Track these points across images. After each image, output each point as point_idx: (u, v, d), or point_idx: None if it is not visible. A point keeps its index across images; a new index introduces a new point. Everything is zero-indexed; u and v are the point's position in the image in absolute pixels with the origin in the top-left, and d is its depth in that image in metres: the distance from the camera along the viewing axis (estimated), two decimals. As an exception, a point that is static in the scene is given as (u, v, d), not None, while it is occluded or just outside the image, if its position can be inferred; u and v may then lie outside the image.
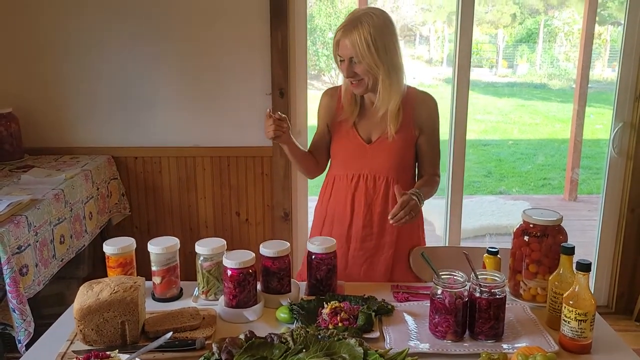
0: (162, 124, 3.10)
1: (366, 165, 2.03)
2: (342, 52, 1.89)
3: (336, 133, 2.07)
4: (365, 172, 2.03)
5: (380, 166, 2.02)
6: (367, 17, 1.86)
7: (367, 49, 1.84)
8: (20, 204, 2.18)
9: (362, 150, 2.03)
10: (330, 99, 2.09)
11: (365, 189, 2.04)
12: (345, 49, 1.88)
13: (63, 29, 2.98)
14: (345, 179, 2.06)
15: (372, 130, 2.03)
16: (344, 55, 1.89)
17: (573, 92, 6.41)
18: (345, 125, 2.04)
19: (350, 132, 2.04)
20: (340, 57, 1.91)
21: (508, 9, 12.07)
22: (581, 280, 1.43)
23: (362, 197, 2.04)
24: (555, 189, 7.14)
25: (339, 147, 2.07)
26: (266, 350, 1.36)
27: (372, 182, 2.03)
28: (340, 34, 1.88)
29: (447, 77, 12.27)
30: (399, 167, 2.05)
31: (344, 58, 1.89)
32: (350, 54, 1.87)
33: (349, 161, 2.05)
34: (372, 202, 2.04)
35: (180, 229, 3.18)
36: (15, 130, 2.87)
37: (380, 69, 1.89)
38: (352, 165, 2.05)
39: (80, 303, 1.47)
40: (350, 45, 1.85)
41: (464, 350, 1.46)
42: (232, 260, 1.63)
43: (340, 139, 2.06)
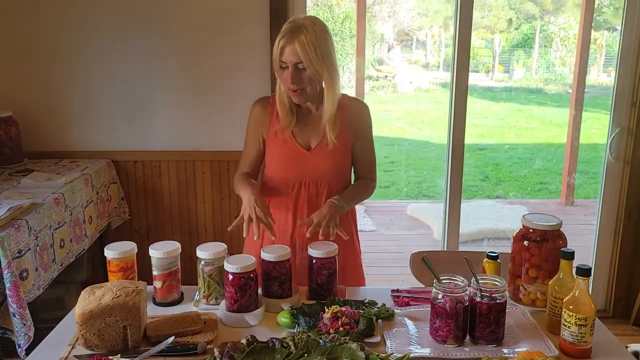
0: (161, 128, 3.10)
1: (307, 172, 2.01)
2: (287, 58, 1.86)
3: (272, 142, 2.04)
4: (307, 180, 2.02)
5: (322, 172, 2.01)
6: (309, 23, 1.87)
7: (315, 54, 1.84)
8: (20, 208, 2.18)
9: (302, 157, 2.01)
10: (262, 109, 2.06)
11: (307, 197, 2.02)
12: (291, 55, 1.85)
13: (63, 33, 2.98)
14: (285, 187, 2.03)
15: (310, 137, 2.02)
16: (290, 61, 1.86)
17: (569, 97, 6.44)
18: (281, 134, 2.01)
19: (289, 140, 2.01)
20: (283, 64, 1.88)
21: (504, 14, 12.11)
22: (581, 285, 1.44)
23: (305, 204, 2.02)
24: (552, 194, 7.17)
25: (277, 155, 2.04)
26: (268, 355, 1.37)
27: (315, 189, 2.02)
28: (285, 40, 1.85)
29: (443, 82, 12.30)
30: (339, 172, 2.05)
31: (289, 64, 1.87)
32: (296, 60, 1.85)
33: (289, 169, 2.03)
34: (316, 210, 1.98)
35: (179, 233, 3.18)
36: (15, 134, 2.87)
37: (325, 74, 1.90)
38: (292, 173, 2.03)
39: (82, 307, 1.47)
40: (299, 50, 1.83)
41: (464, 355, 1.47)
42: (234, 264, 1.64)
43: (278, 148, 2.03)
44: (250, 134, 2.09)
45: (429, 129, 9.94)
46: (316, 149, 2.01)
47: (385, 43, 12.59)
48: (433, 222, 5.71)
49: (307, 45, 1.83)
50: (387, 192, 7.38)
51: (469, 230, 5.37)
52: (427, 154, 8.76)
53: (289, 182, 2.03)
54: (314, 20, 1.90)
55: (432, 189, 7.47)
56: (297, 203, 2.03)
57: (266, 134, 2.05)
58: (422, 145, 9.19)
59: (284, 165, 2.03)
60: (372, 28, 11.79)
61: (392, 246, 5.35)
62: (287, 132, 2.01)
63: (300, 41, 1.83)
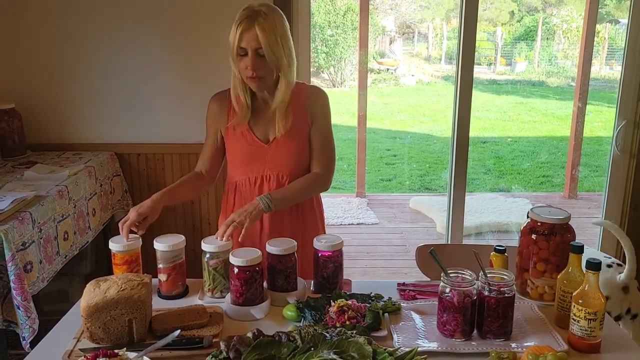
0: (165, 121, 3.09)
1: (267, 166, 1.98)
2: (246, 44, 1.81)
3: (230, 138, 2.00)
4: (268, 173, 1.98)
5: (282, 165, 1.98)
6: (267, 9, 1.84)
7: (275, 39, 1.81)
8: (24, 201, 2.17)
9: (261, 151, 1.97)
10: (219, 104, 2.02)
11: (270, 191, 1.96)
12: (251, 40, 1.80)
13: (66, 27, 2.96)
14: (248, 183, 2.01)
15: (268, 130, 1.97)
16: (250, 46, 1.81)
17: (571, 90, 6.43)
18: (238, 128, 1.97)
19: (246, 134, 1.97)
20: (242, 51, 1.83)
21: (506, 6, 12.09)
22: (591, 279, 1.43)
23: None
24: (555, 187, 7.16)
25: (236, 151, 2.00)
26: (274, 349, 1.36)
27: (276, 182, 1.98)
28: (244, 25, 1.80)
29: (445, 75, 12.30)
30: (300, 163, 2.00)
31: (249, 49, 1.82)
32: (256, 45, 1.80)
33: (250, 164, 1.99)
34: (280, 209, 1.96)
35: (183, 226, 3.17)
36: (18, 127, 2.86)
37: (283, 61, 1.85)
38: (253, 168, 1.99)
39: (88, 301, 1.46)
40: (260, 34, 1.79)
41: (472, 349, 1.46)
42: (239, 258, 1.63)
43: (236, 143, 1.99)
44: (208, 131, 2.05)
45: (431, 122, 9.93)
46: (274, 142, 1.96)
47: (387, 36, 12.58)
48: (436, 215, 5.70)
49: (267, 30, 1.79)
50: (390, 185, 7.38)
51: (472, 224, 5.36)
52: (429, 147, 8.75)
53: (250, 177, 2.00)
54: (270, 6, 1.87)
55: (435, 182, 7.46)
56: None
57: (224, 129, 2.00)
58: (424, 138, 9.18)
59: (244, 161, 2.00)
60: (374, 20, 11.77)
61: (395, 239, 5.35)
62: (244, 125, 1.96)
63: (260, 26, 1.79)
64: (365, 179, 6.77)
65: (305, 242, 1.90)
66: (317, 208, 2.12)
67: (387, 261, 4.79)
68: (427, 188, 7.29)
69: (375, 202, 6.37)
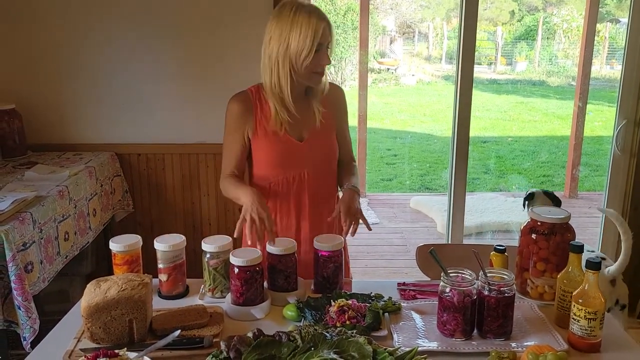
0: (165, 121, 3.09)
1: (303, 163, 1.96)
2: (325, 39, 1.84)
3: (260, 139, 1.94)
4: (305, 171, 1.96)
5: (318, 161, 1.98)
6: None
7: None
8: (25, 201, 2.17)
9: (297, 149, 1.94)
10: (244, 105, 1.95)
11: (307, 188, 1.97)
12: (329, 34, 1.84)
13: (66, 27, 2.96)
14: (285, 183, 1.96)
15: (300, 128, 1.95)
16: (327, 40, 1.85)
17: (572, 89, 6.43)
18: (269, 129, 1.93)
19: (279, 134, 1.93)
20: (319, 46, 1.83)
21: (507, 6, 12.08)
22: (591, 279, 1.43)
23: (306, 196, 1.98)
24: (556, 186, 7.15)
25: (270, 152, 1.95)
26: (274, 349, 1.36)
27: (314, 179, 1.97)
28: (325, 21, 1.83)
29: (445, 74, 12.29)
30: (333, 157, 2.04)
31: (325, 44, 1.85)
32: (329, 39, 1.85)
33: (285, 164, 1.95)
34: (318, 201, 1.98)
35: (183, 226, 3.17)
36: (18, 127, 2.86)
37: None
38: (289, 168, 1.95)
39: (88, 301, 1.46)
40: (332, 30, 1.85)
41: (472, 349, 1.46)
42: (240, 258, 1.63)
43: (269, 144, 1.94)
44: (232, 134, 1.98)
45: (432, 122, 9.93)
46: (309, 139, 1.96)
47: (387, 35, 12.57)
48: (436, 215, 5.70)
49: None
50: (390, 184, 7.38)
51: (472, 223, 5.36)
52: (429, 147, 8.74)
53: (288, 177, 1.96)
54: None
55: (435, 182, 7.46)
56: (299, 195, 1.98)
57: (251, 132, 1.95)
58: (424, 138, 9.17)
59: (280, 161, 1.95)
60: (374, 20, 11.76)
61: (396, 239, 5.34)
62: (279, 125, 1.92)
63: (328, 22, 1.84)
64: (365, 179, 6.77)
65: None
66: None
67: (388, 261, 4.79)
68: (427, 188, 7.29)
69: (376, 202, 6.37)
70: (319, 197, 2.00)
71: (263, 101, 1.95)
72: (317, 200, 1.99)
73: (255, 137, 1.95)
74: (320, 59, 1.85)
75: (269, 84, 1.91)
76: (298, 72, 1.87)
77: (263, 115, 1.94)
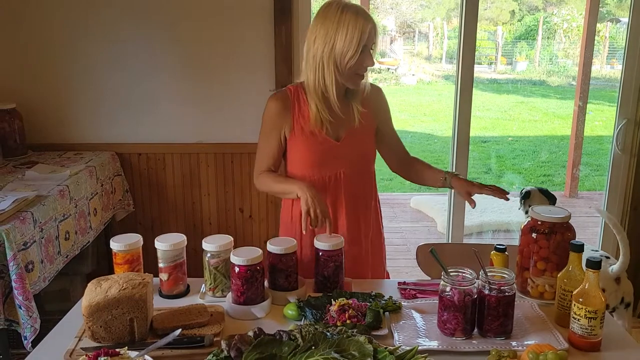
0: (165, 121, 3.09)
1: (340, 162, 1.96)
2: (371, 40, 1.84)
3: (297, 139, 1.94)
4: (341, 170, 1.96)
5: (355, 161, 1.99)
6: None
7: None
8: (25, 200, 2.17)
9: (334, 149, 1.94)
10: (283, 104, 1.95)
11: (344, 188, 1.97)
12: (375, 35, 1.84)
13: (67, 26, 2.96)
14: (322, 183, 1.96)
15: (337, 128, 1.95)
16: (373, 41, 1.85)
17: (572, 89, 6.42)
18: (307, 128, 1.93)
19: (317, 133, 1.92)
20: (366, 47, 1.84)
21: (507, 5, 12.08)
22: (591, 278, 1.43)
23: (342, 196, 1.98)
24: (556, 186, 7.15)
25: (307, 151, 1.94)
26: (275, 348, 1.36)
27: (350, 179, 1.98)
28: (371, 22, 1.83)
29: (445, 74, 12.29)
30: (369, 158, 2.05)
31: (370, 45, 1.85)
32: (373, 42, 1.85)
33: (322, 163, 1.95)
34: (354, 201, 1.99)
35: (183, 226, 3.17)
36: (19, 127, 2.86)
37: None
38: (326, 167, 1.95)
39: (89, 300, 1.46)
40: (377, 31, 1.85)
41: (473, 348, 1.46)
42: (240, 257, 1.63)
43: (306, 144, 1.94)
44: (269, 132, 1.98)
45: (432, 122, 9.93)
46: (346, 138, 1.96)
47: (387, 35, 12.56)
48: (436, 215, 5.70)
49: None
50: (390, 184, 7.37)
51: (472, 223, 5.36)
52: (430, 147, 8.74)
53: (324, 176, 1.96)
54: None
55: (436, 182, 7.45)
56: (336, 195, 1.98)
57: (289, 131, 1.95)
58: (424, 137, 9.17)
59: (317, 160, 1.95)
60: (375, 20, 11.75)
61: (396, 239, 5.34)
62: (318, 124, 1.92)
63: (374, 21, 1.84)
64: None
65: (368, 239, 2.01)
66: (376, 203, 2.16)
67: (388, 260, 4.77)
68: (427, 187, 7.28)
69: (376, 202, 6.36)
70: (356, 197, 2.00)
71: (302, 100, 1.95)
72: (354, 200, 2.00)
73: (292, 136, 1.95)
74: (364, 60, 1.85)
75: (313, 83, 1.90)
76: (341, 73, 1.87)
77: (301, 114, 1.94)
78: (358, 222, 2.01)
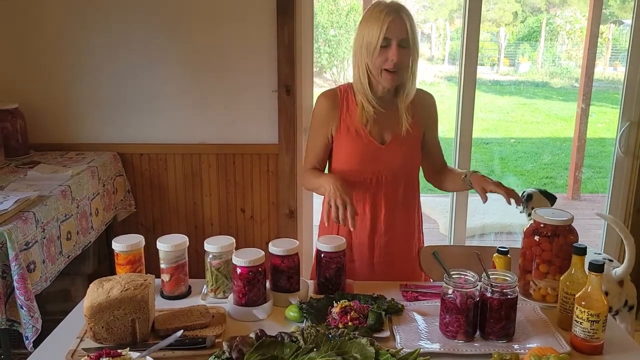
0: (167, 121, 3.09)
1: (382, 166, 1.95)
2: (393, 33, 1.80)
3: (343, 137, 1.96)
4: (383, 174, 1.96)
5: (397, 166, 1.97)
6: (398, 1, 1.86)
7: (415, 29, 1.83)
8: (27, 200, 2.17)
9: (377, 152, 1.94)
10: (332, 102, 1.97)
11: (385, 190, 1.98)
12: (399, 30, 1.80)
13: (69, 26, 2.97)
14: (362, 181, 1.96)
15: (383, 131, 1.96)
16: (396, 36, 1.80)
17: (575, 91, 6.41)
18: (353, 127, 1.94)
19: (362, 134, 1.94)
20: (385, 42, 1.81)
21: (510, 7, 12.05)
22: (594, 281, 1.43)
23: (382, 198, 1.98)
24: (559, 188, 7.14)
25: (350, 151, 1.95)
26: (277, 349, 1.36)
27: (391, 184, 1.98)
28: (392, 15, 1.80)
29: (448, 75, 12.27)
30: (413, 165, 2.03)
31: (394, 40, 1.80)
32: (403, 35, 1.80)
33: (364, 164, 1.95)
34: (394, 205, 1.99)
35: (185, 226, 3.17)
36: (21, 127, 2.86)
37: (416, 56, 1.86)
38: (367, 169, 1.96)
39: (91, 300, 1.46)
40: (408, 23, 1.80)
41: (475, 351, 1.46)
42: (242, 258, 1.63)
43: (351, 143, 1.95)
44: (317, 129, 2.00)
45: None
46: (391, 143, 1.95)
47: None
48: (439, 217, 5.69)
49: (412, 20, 1.83)
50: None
51: (475, 225, 5.35)
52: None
53: (365, 177, 1.96)
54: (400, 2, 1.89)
55: (438, 183, 7.44)
56: (375, 197, 1.98)
57: (335, 129, 1.97)
58: (427, 139, 9.15)
59: (359, 161, 1.96)
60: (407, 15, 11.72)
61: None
62: (361, 125, 1.93)
63: (407, 15, 1.82)
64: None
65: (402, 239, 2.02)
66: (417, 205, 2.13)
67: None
68: (430, 189, 7.26)
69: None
70: (396, 201, 2.00)
71: (350, 100, 1.96)
72: (394, 205, 2.00)
73: (338, 134, 1.97)
74: (387, 54, 1.82)
75: (354, 79, 1.94)
76: (371, 69, 1.87)
77: (348, 113, 1.96)
78: (395, 226, 2.01)
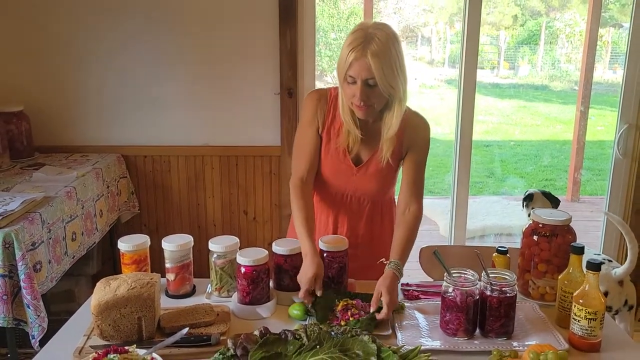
0: (171, 123, 3.12)
1: (351, 187, 1.91)
2: (355, 73, 1.66)
3: (325, 145, 1.88)
4: (350, 194, 1.93)
5: (367, 189, 1.91)
6: (382, 33, 1.65)
7: (390, 68, 1.65)
8: (34, 201, 2.20)
9: (349, 172, 1.89)
10: (321, 99, 1.88)
11: (350, 208, 1.95)
12: (362, 70, 1.65)
13: (74, 29, 3.00)
14: (333, 194, 1.94)
15: (361, 151, 1.88)
16: (359, 76, 1.66)
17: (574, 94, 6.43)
18: (333, 140, 1.87)
19: (342, 152, 1.86)
20: (351, 79, 1.68)
21: (509, 10, 12.07)
22: (591, 280, 1.46)
23: (346, 215, 1.96)
24: (558, 190, 7.16)
25: (327, 163, 1.89)
26: (280, 347, 1.38)
27: (357, 204, 1.95)
28: (355, 53, 1.64)
29: (448, 78, 12.28)
30: (384, 190, 1.95)
31: (357, 79, 1.67)
32: (367, 76, 1.65)
33: (335, 180, 1.91)
34: (355, 225, 1.96)
35: (188, 227, 3.20)
36: (26, 129, 2.89)
37: (398, 90, 1.72)
38: (337, 185, 1.92)
39: (98, 299, 1.49)
40: (373, 64, 1.62)
41: (475, 348, 1.49)
42: (246, 257, 1.66)
43: (329, 156, 1.88)
44: (306, 127, 1.89)
45: (434, 125, 9.82)
46: (364, 166, 1.88)
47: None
48: (439, 218, 5.71)
49: (381, 58, 1.63)
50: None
51: (475, 227, 5.38)
52: (432, 151, 8.51)
53: (335, 190, 1.93)
54: (384, 28, 1.68)
55: (438, 185, 7.47)
56: (339, 212, 1.97)
57: (322, 130, 1.88)
58: (427, 141, 9.15)
59: (332, 176, 1.91)
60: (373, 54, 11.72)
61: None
62: (344, 144, 1.84)
63: (373, 55, 1.62)
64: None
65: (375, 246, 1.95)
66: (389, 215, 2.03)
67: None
68: (430, 191, 7.29)
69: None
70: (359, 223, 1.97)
71: (337, 107, 1.85)
72: (355, 225, 1.97)
73: (322, 136, 1.89)
74: (354, 89, 1.70)
75: (340, 98, 1.82)
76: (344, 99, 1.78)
77: (333, 123, 1.87)
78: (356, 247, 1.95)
